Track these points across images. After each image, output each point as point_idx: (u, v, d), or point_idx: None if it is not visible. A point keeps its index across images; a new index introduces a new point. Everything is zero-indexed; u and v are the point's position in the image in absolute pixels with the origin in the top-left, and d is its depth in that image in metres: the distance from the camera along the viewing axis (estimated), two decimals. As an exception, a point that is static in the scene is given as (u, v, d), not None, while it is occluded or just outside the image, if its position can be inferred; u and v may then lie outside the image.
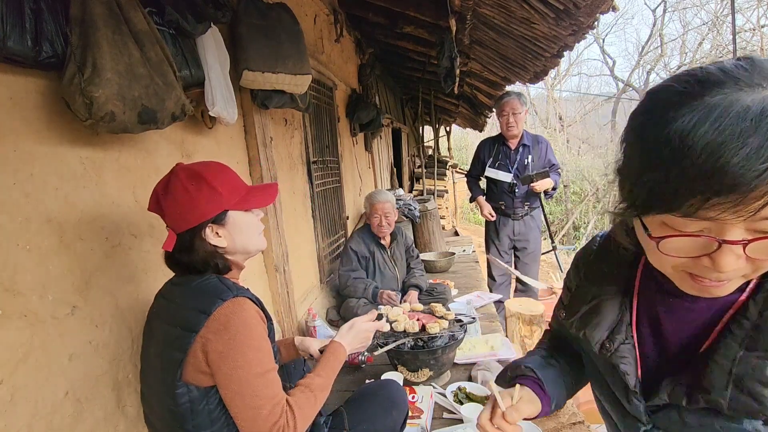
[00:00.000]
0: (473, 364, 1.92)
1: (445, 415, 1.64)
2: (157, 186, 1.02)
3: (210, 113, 1.45)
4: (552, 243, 3.46)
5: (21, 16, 0.85)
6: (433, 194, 6.74)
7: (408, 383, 1.77)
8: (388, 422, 1.26)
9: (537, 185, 3.00)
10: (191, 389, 0.94)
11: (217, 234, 1.02)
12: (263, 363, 0.94)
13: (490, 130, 8.34)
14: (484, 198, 3.32)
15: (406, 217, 4.12)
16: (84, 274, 1.07)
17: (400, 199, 4.18)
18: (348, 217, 3.66)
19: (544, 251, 3.51)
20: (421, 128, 8.11)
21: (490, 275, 3.42)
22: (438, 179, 7.10)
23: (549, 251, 3.53)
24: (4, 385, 0.86)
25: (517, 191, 3.13)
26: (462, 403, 1.61)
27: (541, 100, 18.35)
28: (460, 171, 9.25)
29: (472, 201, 3.47)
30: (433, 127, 8.07)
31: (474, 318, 2.05)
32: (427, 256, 3.77)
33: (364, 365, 2.06)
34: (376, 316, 1.38)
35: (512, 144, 3.15)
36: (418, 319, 1.84)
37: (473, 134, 13.58)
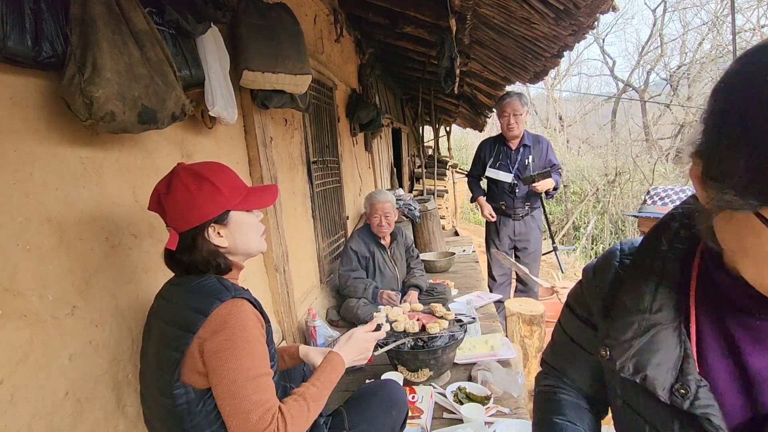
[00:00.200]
0: (473, 364, 1.92)
1: (445, 415, 1.64)
2: (159, 185, 1.02)
3: (210, 113, 1.45)
4: (553, 243, 3.46)
5: (21, 16, 0.85)
6: (433, 194, 6.74)
7: (408, 383, 1.77)
8: (388, 422, 1.26)
9: (538, 185, 3.00)
10: (189, 390, 0.94)
11: (219, 234, 1.02)
12: (256, 367, 0.93)
13: (490, 130, 8.35)
14: (484, 198, 3.33)
15: (406, 217, 4.12)
16: (84, 274, 1.07)
17: (400, 199, 4.18)
18: (348, 217, 3.66)
19: (545, 251, 3.51)
20: (421, 128, 8.11)
21: (490, 275, 3.42)
22: (438, 179, 7.10)
23: (550, 251, 3.53)
24: (4, 385, 0.86)
25: (517, 191, 3.13)
26: (462, 403, 1.61)
27: (541, 100, 18.35)
28: (460, 171, 9.25)
29: (473, 201, 3.48)
30: (433, 127, 8.07)
31: (474, 318, 2.05)
32: (427, 256, 3.77)
33: (364, 365, 2.06)
34: (376, 326, 1.35)
35: (513, 144, 3.15)
36: (418, 319, 1.84)
37: (473, 134, 13.58)
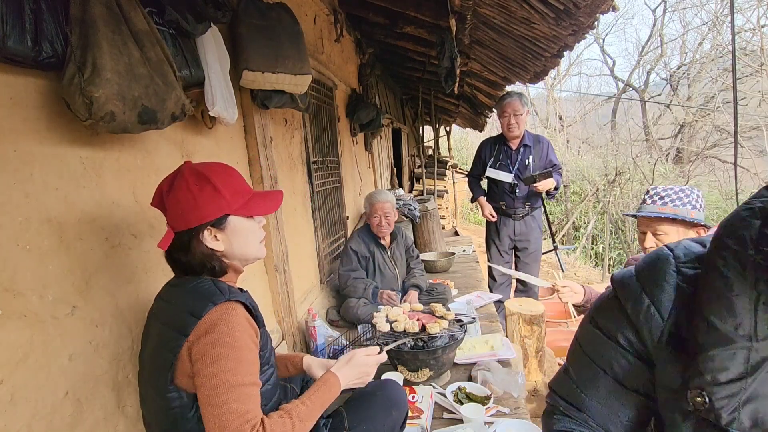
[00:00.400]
0: (473, 364, 1.92)
1: (445, 415, 1.64)
2: (163, 182, 1.02)
3: (210, 113, 1.45)
4: (553, 243, 3.46)
5: (21, 16, 0.85)
6: (433, 194, 6.74)
7: (408, 383, 1.77)
8: (388, 422, 1.25)
9: (540, 185, 2.99)
10: (182, 395, 0.93)
11: (215, 237, 1.01)
12: (241, 374, 0.89)
13: (490, 130, 8.35)
14: (485, 198, 3.33)
15: (406, 217, 4.12)
16: (84, 274, 1.07)
17: (400, 199, 4.18)
18: (348, 217, 3.66)
19: (545, 251, 3.51)
20: (421, 128, 8.11)
21: (490, 275, 3.42)
22: (438, 179, 7.10)
23: (550, 251, 3.53)
24: (4, 385, 0.86)
25: (517, 191, 3.12)
26: (462, 403, 1.61)
27: (541, 100, 18.34)
28: (460, 171, 9.25)
29: (474, 201, 3.48)
30: (433, 127, 8.07)
31: (474, 318, 2.05)
32: (427, 256, 3.77)
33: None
34: (379, 351, 1.28)
35: (513, 144, 3.15)
36: (418, 319, 1.84)
37: (473, 134, 13.58)
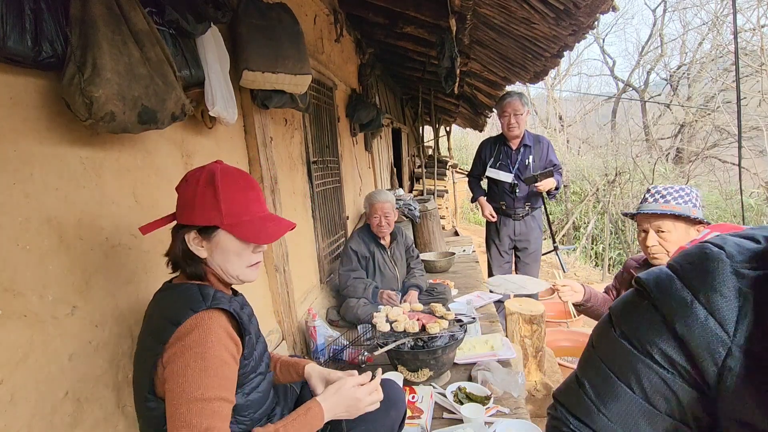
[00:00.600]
0: (473, 364, 1.92)
1: (445, 415, 1.64)
2: (188, 172, 1.03)
3: (210, 113, 1.45)
4: (554, 243, 3.46)
5: (21, 16, 0.85)
6: (433, 194, 6.73)
7: (408, 383, 1.77)
8: (386, 422, 1.25)
9: (540, 185, 2.99)
10: (160, 404, 0.90)
11: (200, 244, 0.99)
12: (206, 388, 0.83)
13: (490, 130, 8.35)
14: (485, 198, 3.33)
15: (406, 217, 4.12)
16: (84, 274, 1.07)
17: (400, 199, 4.18)
18: (348, 217, 3.66)
19: (546, 251, 3.51)
20: (421, 128, 8.11)
21: (490, 275, 3.42)
22: (438, 179, 7.10)
23: (551, 251, 3.52)
24: (4, 385, 0.86)
25: (518, 191, 3.12)
26: (462, 403, 1.61)
27: (541, 100, 18.33)
28: (460, 171, 9.25)
29: (474, 201, 3.48)
30: (433, 127, 8.07)
31: (474, 318, 2.05)
32: (427, 256, 3.77)
33: (364, 365, 2.05)
34: (371, 378, 1.15)
35: (513, 144, 3.15)
36: (418, 319, 1.84)
37: (473, 134, 13.58)
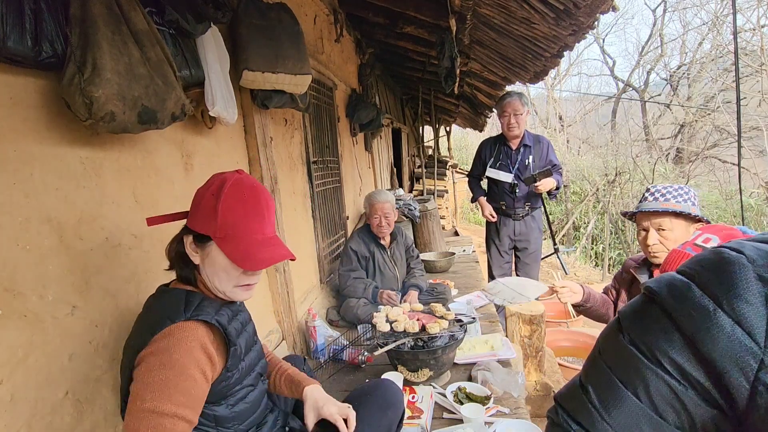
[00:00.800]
0: (473, 364, 1.92)
1: (445, 415, 1.64)
2: (213, 175, 1.01)
3: (210, 113, 1.45)
4: (554, 245, 3.45)
5: (21, 16, 0.85)
6: (433, 194, 6.73)
7: (408, 383, 1.77)
8: (384, 422, 1.25)
9: (540, 185, 2.99)
10: None
11: (195, 251, 0.98)
12: (163, 401, 0.79)
13: (490, 130, 8.35)
14: (485, 198, 3.33)
15: (406, 217, 4.12)
16: (84, 274, 1.07)
17: (400, 199, 4.18)
18: (348, 217, 3.66)
19: (547, 254, 3.50)
20: (421, 128, 8.11)
21: (490, 275, 3.42)
22: (438, 179, 7.10)
23: (552, 254, 3.51)
24: (4, 385, 0.86)
25: (518, 191, 3.12)
26: (462, 403, 1.61)
27: (541, 100, 18.33)
28: (460, 171, 9.25)
29: (474, 201, 3.47)
30: (433, 127, 8.07)
31: (474, 318, 2.05)
32: (427, 256, 3.77)
33: (364, 365, 2.06)
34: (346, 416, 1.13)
35: (513, 144, 3.15)
36: (418, 319, 1.84)
37: (473, 134, 13.58)
